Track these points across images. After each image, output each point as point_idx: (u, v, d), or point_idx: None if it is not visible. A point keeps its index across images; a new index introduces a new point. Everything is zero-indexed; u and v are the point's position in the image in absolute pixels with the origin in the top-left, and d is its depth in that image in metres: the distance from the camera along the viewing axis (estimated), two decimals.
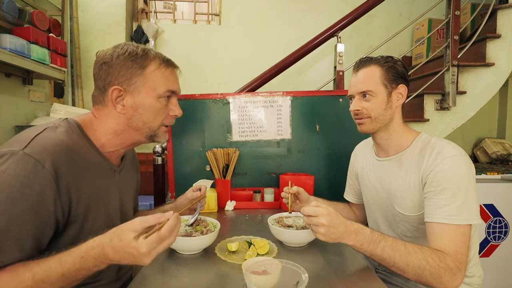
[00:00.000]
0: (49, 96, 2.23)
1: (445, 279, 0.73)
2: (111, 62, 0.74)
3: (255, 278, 0.62)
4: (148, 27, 2.63)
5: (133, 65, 0.75)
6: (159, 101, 0.79)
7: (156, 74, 0.77)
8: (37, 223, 0.62)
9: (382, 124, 0.95)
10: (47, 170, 0.62)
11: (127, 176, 0.92)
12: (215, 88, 2.79)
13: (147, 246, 0.58)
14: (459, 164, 0.82)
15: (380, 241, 0.76)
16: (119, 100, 0.76)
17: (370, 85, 0.93)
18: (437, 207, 0.81)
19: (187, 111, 1.54)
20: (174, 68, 0.82)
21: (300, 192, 1.11)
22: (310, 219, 0.76)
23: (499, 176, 1.79)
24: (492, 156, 2.53)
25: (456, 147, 0.86)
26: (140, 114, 0.77)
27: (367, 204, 1.11)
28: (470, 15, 2.36)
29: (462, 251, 0.76)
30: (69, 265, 0.59)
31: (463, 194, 0.79)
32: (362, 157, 1.15)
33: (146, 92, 0.76)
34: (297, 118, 1.54)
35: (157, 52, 0.80)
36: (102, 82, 0.76)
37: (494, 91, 2.02)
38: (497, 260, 1.76)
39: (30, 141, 0.63)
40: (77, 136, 0.73)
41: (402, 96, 0.94)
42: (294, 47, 1.98)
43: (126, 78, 0.75)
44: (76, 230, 0.70)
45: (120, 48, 0.76)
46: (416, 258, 0.74)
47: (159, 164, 1.67)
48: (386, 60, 0.95)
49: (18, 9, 1.71)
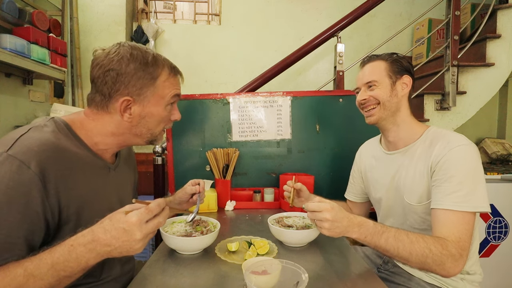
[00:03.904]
0: (49, 96, 2.23)
1: (448, 266, 0.75)
2: (121, 70, 0.71)
3: (255, 278, 0.62)
4: (148, 27, 2.63)
5: (144, 75, 0.73)
6: (166, 109, 0.79)
7: (166, 84, 0.77)
8: (26, 226, 0.60)
9: (390, 112, 0.97)
10: (32, 171, 0.60)
11: (124, 172, 0.90)
12: (215, 88, 2.79)
13: (137, 215, 0.58)
14: (467, 153, 0.83)
15: (383, 232, 0.77)
16: (127, 109, 0.75)
17: (375, 76, 0.97)
18: (444, 194, 0.82)
19: (187, 111, 1.54)
20: (180, 75, 0.83)
21: (303, 190, 1.11)
22: (314, 214, 0.77)
23: (499, 176, 1.79)
24: (492, 156, 2.53)
25: (465, 138, 0.87)
26: (146, 122, 0.77)
27: (376, 200, 1.11)
28: (470, 15, 2.36)
29: (465, 238, 0.77)
30: (58, 255, 0.58)
31: (470, 182, 0.81)
32: (368, 155, 1.16)
33: (155, 102, 0.76)
34: (297, 118, 1.54)
35: (164, 58, 0.79)
36: (107, 89, 0.73)
37: (494, 91, 2.02)
38: (497, 260, 1.76)
39: (14, 142, 0.61)
40: (65, 135, 0.71)
41: (407, 86, 0.98)
42: (294, 47, 1.98)
43: (136, 89, 0.73)
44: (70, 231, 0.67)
45: (125, 51, 0.72)
46: (419, 247, 0.75)
47: (159, 164, 1.67)
48: (391, 55, 1.00)
49: (18, 9, 1.71)
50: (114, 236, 0.58)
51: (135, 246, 0.59)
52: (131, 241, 0.59)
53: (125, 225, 0.58)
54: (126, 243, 0.59)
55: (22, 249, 0.60)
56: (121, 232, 0.58)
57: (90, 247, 0.58)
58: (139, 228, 0.58)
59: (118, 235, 0.58)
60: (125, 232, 0.58)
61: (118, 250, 0.59)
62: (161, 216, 0.64)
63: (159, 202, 0.64)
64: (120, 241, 0.58)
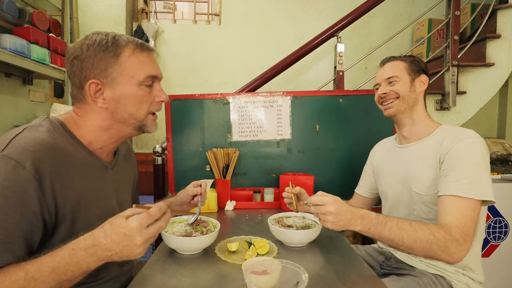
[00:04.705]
0: (49, 96, 2.23)
1: (452, 251, 0.76)
2: (82, 56, 0.71)
3: (255, 278, 0.62)
4: (148, 27, 2.63)
5: (105, 55, 0.71)
6: (140, 89, 0.75)
7: (132, 61, 0.73)
8: (24, 225, 0.60)
9: (408, 106, 1.03)
10: (27, 170, 0.59)
11: (122, 171, 0.89)
12: (215, 88, 2.79)
13: (137, 220, 0.57)
14: (475, 145, 0.88)
15: (386, 222, 0.78)
16: (99, 94, 0.73)
17: (396, 72, 1.04)
18: (451, 182, 0.85)
19: (187, 111, 1.54)
20: (150, 51, 0.78)
21: (302, 193, 1.12)
22: (317, 208, 0.78)
23: (499, 176, 1.79)
24: (492, 156, 2.52)
25: (474, 132, 0.92)
26: (124, 106, 0.74)
27: (385, 193, 1.14)
28: (470, 15, 2.36)
29: (470, 224, 0.79)
30: (60, 258, 0.57)
31: (477, 172, 0.85)
32: (382, 149, 1.22)
33: (125, 81, 0.73)
34: (297, 118, 1.54)
35: (129, 37, 0.76)
36: (77, 79, 0.72)
37: (494, 91, 2.02)
38: (497, 260, 1.76)
39: (8, 142, 0.61)
40: (60, 134, 0.70)
41: (424, 84, 1.05)
42: (294, 47, 1.98)
43: (101, 70, 0.71)
44: (67, 229, 0.68)
45: (88, 39, 0.72)
46: (422, 234, 0.76)
47: (159, 164, 1.67)
48: (409, 57, 1.08)
49: (18, 9, 1.71)
50: (115, 240, 0.58)
51: (136, 251, 0.59)
52: (131, 245, 0.58)
53: (126, 230, 0.57)
54: (126, 248, 0.58)
55: (21, 250, 0.60)
56: (122, 237, 0.58)
57: (91, 251, 0.58)
58: (140, 233, 0.58)
59: (119, 240, 0.58)
60: (125, 237, 0.58)
61: (119, 255, 0.59)
62: (162, 220, 0.63)
63: (160, 206, 0.63)
64: (120, 245, 0.58)
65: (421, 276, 0.95)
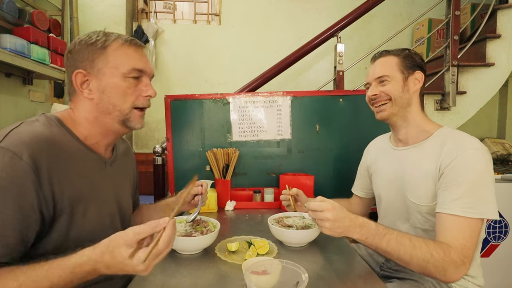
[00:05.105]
0: (49, 96, 2.23)
1: (449, 272, 0.74)
2: (74, 49, 0.74)
3: (255, 278, 0.62)
4: (148, 27, 2.63)
5: (93, 47, 0.74)
6: (125, 81, 0.75)
7: (118, 53, 0.75)
8: (21, 217, 0.60)
9: (400, 108, 0.95)
10: (24, 161, 0.59)
11: (121, 168, 0.90)
12: (215, 88, 2.79)
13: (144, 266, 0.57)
14: (479, 158, 0.81)
15: (385, 234, 0.76)
16: (86, 85, 0.74)
17: (386, 71, 0.95)
18: (452, 199, 0.79)
19: (187, 111, 1.54)
20: (138, 46, 0.78)
21: (299, 194, 1.11)
22: (315, 213, 0.76)
23: (499, 176, 1.79)
24: (492, 156, 2.53)
25: (478, 141, 0.84)
26: (108, 97, 0.75)
27: (378, 196, 1.10)
28: (470, 15, 2.36)
29: (469, 245, 0.76)
30: (58, 278, 0.57)
31: (480, 188, 0.79)
32: (375, 150, 1.15)
33: (110, 72, 0.74)
34: (297, 118, 1.54)
35: (121, 34, 0.78)
36: (69, 72, 0.75)
37: (494, 91, 2.02)
38: (497, 260, 1.75)
39: (6, 135, 0.62)
40: (57, 128, 0.71)
41: (419, 82, 0.96)
42: (294, 47, 1.98)
43: (88, 61, 0.73)
44: (65, 224, 0.67)
45: (83, 36, 0.76)
46: (420, 252, 0.74)
47: (159, 164, 1.67)
48: (403, 50, 0.98)
49: (18, 9, 1.71)
50: (117, 271, 0.58)
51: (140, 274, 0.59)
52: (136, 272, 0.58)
53: (130, 269, 0.57)
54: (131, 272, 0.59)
55: (16, 243, 0.60)
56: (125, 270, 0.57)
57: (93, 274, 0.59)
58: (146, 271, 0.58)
59: (123, 271, 0.58)
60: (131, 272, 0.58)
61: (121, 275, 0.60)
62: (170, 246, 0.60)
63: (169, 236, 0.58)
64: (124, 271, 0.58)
65: (422, 281, 0.94)
